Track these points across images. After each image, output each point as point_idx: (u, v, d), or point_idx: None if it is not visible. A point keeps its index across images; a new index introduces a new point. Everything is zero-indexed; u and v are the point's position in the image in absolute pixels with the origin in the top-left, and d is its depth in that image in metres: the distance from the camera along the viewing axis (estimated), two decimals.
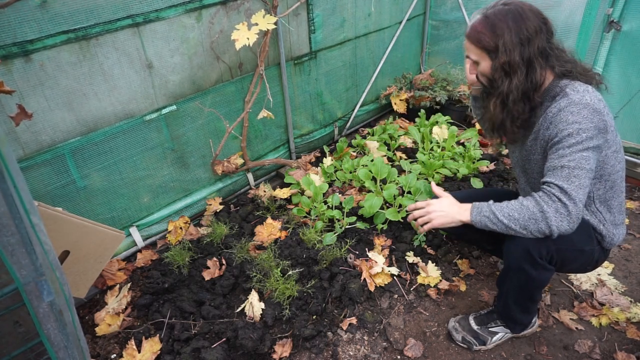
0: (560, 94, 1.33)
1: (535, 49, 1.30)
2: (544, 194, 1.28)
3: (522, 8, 1.31)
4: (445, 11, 3.42)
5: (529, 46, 1.30)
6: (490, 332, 1.71)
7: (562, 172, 1.26)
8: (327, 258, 2.09)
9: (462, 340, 1.73)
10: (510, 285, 1.52)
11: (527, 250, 1.37)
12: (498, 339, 1.71)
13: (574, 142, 1.26)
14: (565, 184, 1.25)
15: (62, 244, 1.67)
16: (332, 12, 2.71)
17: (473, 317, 1.77)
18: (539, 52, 1.31)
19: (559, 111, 1.29)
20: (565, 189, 1.24)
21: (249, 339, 1.71)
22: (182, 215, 2.44)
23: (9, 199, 0.71)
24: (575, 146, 1.26)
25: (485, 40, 1.33)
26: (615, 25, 2.41)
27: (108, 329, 1.86)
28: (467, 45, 1.41)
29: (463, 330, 1.74)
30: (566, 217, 1.24)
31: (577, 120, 1.25)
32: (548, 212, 1.25)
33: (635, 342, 1.73)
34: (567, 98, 1.29)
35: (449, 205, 1.45)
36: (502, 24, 1.30)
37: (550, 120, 1.32)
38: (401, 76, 3.58)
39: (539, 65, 1.32)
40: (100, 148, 1.94)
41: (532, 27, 1.29)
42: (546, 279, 1.46)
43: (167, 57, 2.01)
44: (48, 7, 1.58)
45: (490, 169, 2.82)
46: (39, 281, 0.80)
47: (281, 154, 2.90)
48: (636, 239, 2.24)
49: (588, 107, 1.26)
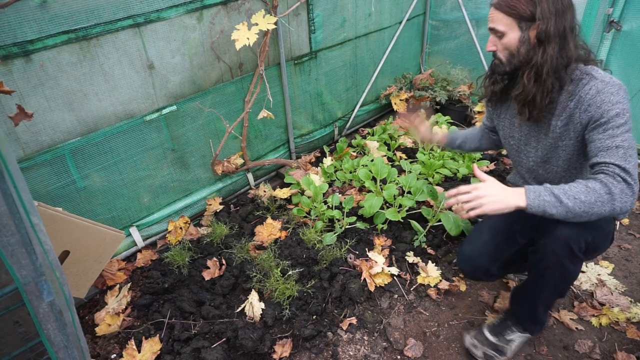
0: (586, 77, 1.31)
1: (568, 23, 1.29)
2: (607, 176, 1.22)
3: None
4: (445, 11, 3.42)
5: (563, 18, 1.28)
6: (507, 340, 1.66)
7: (618, 152, 1.23)
8: (327, 258, 2.09)
9: (483, 355, 1.66)
10: (545, 285, 1.48)
11: (568, 246, 1.35)
12: (517, 346, 1.68)
13: (622, 122, 1.24)
14: (625, 163, 1.22)
15: (62, 244, 1.67)
16: (332, 12, 2.71)
17: (488, 330, 1.70)
18: (570, 27, 1.30)
19: (598, 92, 1.27)
20: (628, 168, 1.21)
21: (249, 339, 1.71)
22: (182, 215, 2.44)
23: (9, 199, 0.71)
24: (624, 126, 1.25)
25: (521, 7, 1.30)
26: (616, 25, 2.41)
27: (108, 329, 1.86)
28: (495, 15, 1.35)
29: (482, 345, 1.67)
30: (630, 196, 1.21)
31: (619, 101, 1.25)
32: (615, 194, 1.20)
33: (635, 342, 1.73)
34: (599, 80, 1.28)
35: (501, 188, 1.29)
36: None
37: (589, 102, 1.29)
38: (401, 76, 3.58)
39: (572, 40, 1.31)
40: (101, 148, 1.94)
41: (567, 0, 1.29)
42: (579, 272, 1.46)
43: (168, 57, 2.01)
44: (48, 7, 1.58)
45: (490, 168, 2.82)
46: (39, 281, 0.80)
47: (281, 154, 2.90)
48: (636, 239, 2.24)
49: (622, 88, 1.27)
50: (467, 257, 1.67)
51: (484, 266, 1.64)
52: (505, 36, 1.36)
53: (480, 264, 1.64)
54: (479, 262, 1.64)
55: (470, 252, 1.67)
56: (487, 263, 1.64)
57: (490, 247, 1.65)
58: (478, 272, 1.67)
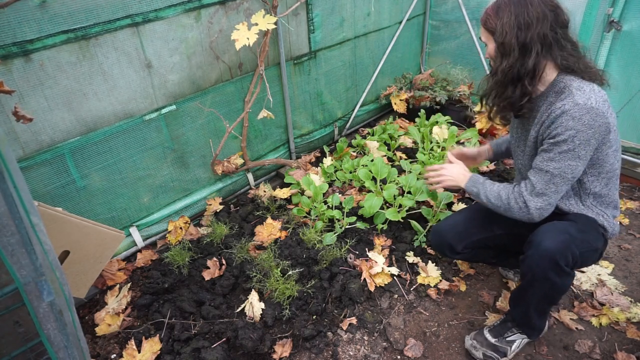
0: (566, 92, 1.34)
1: (533, 35, 1.32)
2: (516, 191, 1.44)
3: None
4: (445, 11, 3.42)
5: (527, 31, 1.32)
6: (508, 342, 1.67)
7: (544, 176, 1.37)
8: (327, 258, 2.08)
9: (483, 357, 1.67)
10: (533, 294, 1.51)
11: (554, 260, 1.36)
12: (517, 347, 1.68)
13: (566, 149, 1.30)
14: (542, 187, 1.37)
15: (62, 244, 1.67)
16: (331, 11, 2.71)
17: (488, 331, 1.71)
18: (538, 38, 1.32)
19: (562, 113, 1.30)
20: (538, 191, 1.38)
21: (249, 339, 1.71)
22: (182, 215, 2.43)
23: (9, 199, 0.71)
24: (566, 153, 1.31)
25: (489, 22, 1.39)
26: (616, 25, 2.41)
27: (108, 329, 1.85)
28: (481, 28, 1.46)
29: (482, 347, 1.68)
30: (526, 215, 1.42)
31: (575, 127, 1.27)
32: (513, 208, 1.44)
33: (635, 342, 1.73)
34: (572, 99, 1.30)
35: (458, 171, 1.68)
36: (505, 7, 1.35)
37: (553, 120, 1.33)
38: (401, 76, 3.58)
39: (535, 52, 1.33)
40: (100, 148, 1.94)
41: (533, 13, 1.31)
42: (569, 285, 1.46)
43: (166, 56, 2.01)
44: (48, 7, 1.58)
45: (490, 169, 2.82)
46: (39, 281, 0.80)
47: (281, 154, 2.90)
48: (636, 239, 2.24)
49: (592, 111, 1.27)
50: (437, 230, 1.81)
51: (448, 242, 1.75)
52: (487, 46, 1.47)
53: (446, 239, 1.76)
54: (445, 238, 1.76)
55: (440, 226, 1.81)
56: (453, 240, 1.74)
57: (460, 226, 1.76)
58: (443, 246, 1.79)
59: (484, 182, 1.56)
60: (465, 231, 1.73)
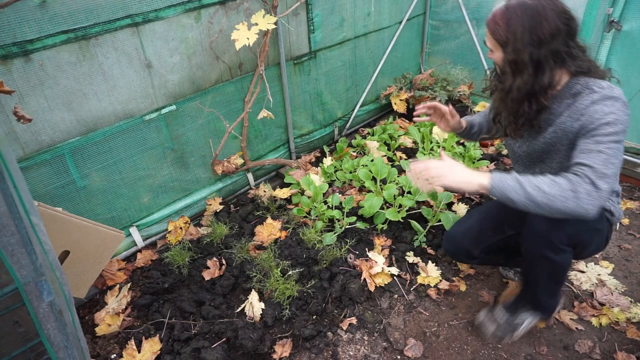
0: (586, 91, 1.30)
1: (547, 52, 1.27)
2: (576, 175, 1.22)
3: (544, 6, 1.25)
4: (445, 11, 3.42)
5: (540, 48, 1.26)
6: (519, 319, 1.73)
7: (599, 156, 1.22)
8: (327, 258, 2.08)
9: (495, 332, 1.74)
10: (536, 273, 1.54)
11: (548, 239, 1.39)
12: (527, 325, 1.73)
13: (612, 131, 1.22)
14: (603, 167, 1.20)
15: (62, 244, 1.67)
16: (330, 11, 2.71)
17: (501, 307, 1.78)
18: (552, 55, 1.27)
19: (592, 103, 1.26)
20: (602, 171, 1.19)
21: (249, 339, 1.71)
22: (182, 215, 2.43)
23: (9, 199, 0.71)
24: (613, 136, 1.23)
25: (498, 33, 1.32)
26: (616, 25, 2.41)
27: (108, 329, 1.85)
28: (486, 31, 1.38)
29: (493, 323, 1.76)
30: (597, 199, 1.18)
31: (613, 112, 1.23)
32: (581, 193, 1.18)
33: (635, 342, 1.73)
34: (596, 93, 1.27)
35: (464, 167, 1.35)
36: (518, 20, 1.26)
37: (582, 112, 1.29)
38: (401, 76, 3.58)
39: (549, 68, 1.29)
40: (100, 148, 1.94)
41: (548, 30, 1.24)
42: (569, 261, 1.48)
43: (166, 56, 2.01)
44: (47, 7, 1.58)
45: (490, 169, 2.82)
46: (39, 281, 0.80)
47: (281, 154, 2.90)
48: (636, 239, 2.24)
49: (619, 100, 1.25)
50: (452, 236, 1.78)
51: (465, 247, 1.73)
52: (492, 53, 1.40)
53: (462, 245, 1.73)
54: (461, 244, 1.73)
55: (454, 232, 1.77)
56: (469, 245, 1.72)
57: (475, 230, 1.72)
58: (460, 252, 1.77)
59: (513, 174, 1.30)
60: (481, 235, 1.72)
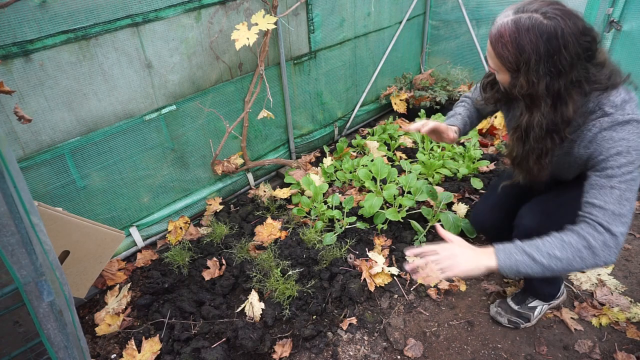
0: (598, 112, 1.17)
1: (567, 82, 1.10)
2: (587, 225, 1.12)
3: (562, 29, 1.05)
4: (445, 11, 3.42)
5: (559, 79, 1.10)
6: (530, 308, 1.77)
7: (612, 193, 1.11)
8: (327, 258, 2.08)
9: (508, 322, 1.79)
10: None
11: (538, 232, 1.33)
12: (539, 313, 1.79)
13: (624, 161, 1.11)
14: (617, 207, 1.10)
15: (62, 244, 1.67)
16: (331, 12, 2.71)
17: (511, 298, 1.82)
18: (572, 84, 1.11)
19: (601, 130, 1.15)
20: (617, 212, 1.10)
21: (249, 339, 1.71)
22: (182, 215, 2.43)
23: (9, 199, 0.71)
24: (626, 167, 1.11)
25: (506, 58, 1.13)
26: (616, 25, 2.41)
27: (108, 329, 1.85)
28: (488, 48, 1.19)
29: (506, 313, 1.80)
30: (614, 249, 1.09)
31: (624, 138, 1.11)
32: (596, 248, 1.09)
33: (635, 342, 1.73)
34: (607, 117, 1.14)
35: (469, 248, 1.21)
36: (531, 46, 1.07)
37: (590, 139, 1.17)
38: (401, 76, 3.58)
39: (572, 100, 1.13)
40: (100, 148, 1.94)
41: (567, 59, 1.07)
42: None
43: (166, 56, 2.01)
44: (48, 7, 1.58)
45: (490, 168, 2.82)
46: (39, 281, 0.80)
47: (281, 154, 2.90)
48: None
49: (632, 122, 1.12)
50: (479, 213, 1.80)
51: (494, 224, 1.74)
52: (497, 73, 1.24)
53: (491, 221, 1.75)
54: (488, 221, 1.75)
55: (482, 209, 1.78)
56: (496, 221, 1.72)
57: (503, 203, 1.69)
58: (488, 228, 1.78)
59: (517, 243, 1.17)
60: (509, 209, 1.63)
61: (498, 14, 1.18)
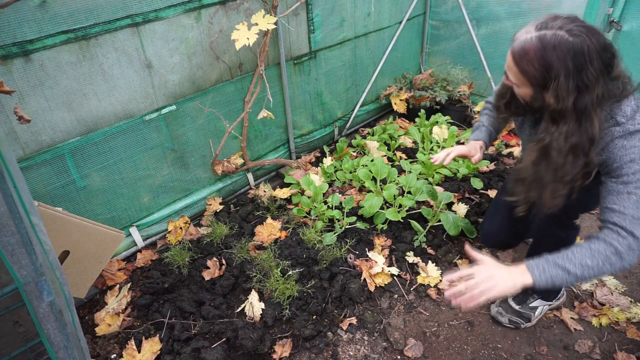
0: (610, 120, 1.20)
1: (594, 98, 1.12)
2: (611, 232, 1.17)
3: (588, 46, 1.08)
4: (445, 11, 3.42)
5: (587, 94, 1.12)
6: (530, 308, 1.80)
7: (629, 198, 1.15)
8: (327, 258, 2.08)
9: (509, 322, 1.81)
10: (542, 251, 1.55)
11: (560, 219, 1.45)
12: (540, 313, 1.82)
13: (638, 168, 1.15)
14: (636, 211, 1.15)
15: (62, 244, 1.67)
16: (331, 12, 2.71)
17: (512, 298, 1.84)
18: (597, 100, 1.13)
19: (614, 139, 1.18)
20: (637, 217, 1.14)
21: (249, 339, 1.71)
22: (182, 215, 2.43)
23: (9, 199, 0.71)
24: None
25: (533, 74, 1.16)
26: (616, 25, 2.41)
27: (108, 329, 1.85)
28: (509, 63, 1.21)
29: (507, 313, 1.82)
30: (637, 251, 1.14)
31: (636, 145, 1.16)
32: (623, 253, 1.14)
33: (635, 342, 1.73)
34: (620, 127, 1.18)
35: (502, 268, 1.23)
36: (559, 63, 1.10)
37: (603, 146, 1.20)
38: (401, 76, 3.58)
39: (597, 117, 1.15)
40: (100, 148, 1.94)
41: (593, 75, 1.10)
42: (574, 237, 1.57)
43: (166, 56, 2.01)
44: (48, 7, 1.58)
45: (490, 168, 2.82)
46: (39, 281, 0.80)
47: (281, 154, 2.90)
48: None
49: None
50: (489, 234, 1.87)
51: (504, 240, 1.85)
52: (517, 87, 1.27)
53: (500, 240, 1.85)
54: (499, 238, 1.84)
55: (490, 230, 1.85)
56: (507, 237, 1.83)
57: (508, 222, 1.76)
58: (499, 245, 1.92)
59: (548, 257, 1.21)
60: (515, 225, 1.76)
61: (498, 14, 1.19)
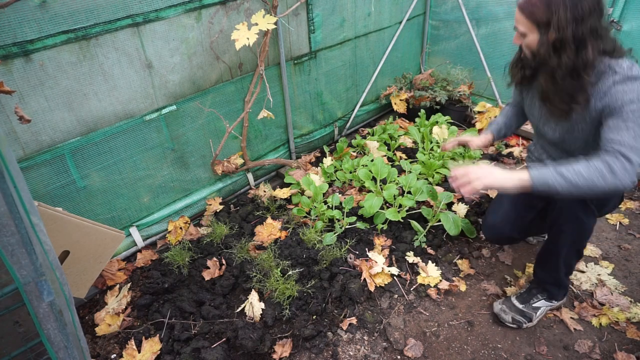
0: (609, 71, 1.36)
1: (587, 28, 1.32)
2: (608, 152, 1.31)
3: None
4: (445, 11, 3.42)
5: (582, 24, 1.31)
6: (533, 307, 1.82)
7: (628, 132, 1.29)
8: (327, 258, 2.08)
9: (511, 320, 1.82)
10: (563, 241, 1.62)
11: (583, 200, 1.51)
12: (541, 313, 1.84)
13: (635, 108, 1.29)
14: (633, 141, 1.28)
15: (62, 244, 1.67)
16: (331, 12, 2.71)
17: (515, 297, 1.87)
18: (591, 31, 1.32)
19: (614, 84, 1.33)
20: (633, 145, 1.28)
21: (249, 339, 1.71)
22: (182, 215, 2.44)
23: (9, 199, 0.71)
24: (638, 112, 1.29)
25: (538, 14, 1.35)
26: (616, 25, 2.41)
27: (108, 329, 1.86)
28: (518, 17, 1.42)
29: (510, 311, 1.83)
30: (631, 172, 1.27)
31: (634, 89, 1.30)
32: (616, 169, 1.26)
33: (635, 342, 1.73)
34: (618, 74, 1.33)
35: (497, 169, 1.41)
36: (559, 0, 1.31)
37: (605, 92, 1.35)
38: (401, 76, 3.58)
39: (590, 45, 1.33)
40: (100, 148, 1.94)
41: (587, 6, 1.30)
42: (592, 227, 1.60)
43: (166, 57, 2.01)
44: (48, 7, 1.58)
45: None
46: (39, 281, 0.80)
47: (281, 154, 2.90)
48: (636, 239, 2.24)
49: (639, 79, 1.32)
50: (491, 226, 1.87)
51: (507, 233, 1.83)
52: (526, 37, 1.44)
53: (503, 232, 1.83)
54: (502, 231, 1.83)
55: (493, 222, 1.85)
56: (510, 230, 1.82)
57: (511, 215, 1.81)
58: (502, 239, 1.91)
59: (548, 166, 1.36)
60: (517, 217, 1.81)
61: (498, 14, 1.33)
